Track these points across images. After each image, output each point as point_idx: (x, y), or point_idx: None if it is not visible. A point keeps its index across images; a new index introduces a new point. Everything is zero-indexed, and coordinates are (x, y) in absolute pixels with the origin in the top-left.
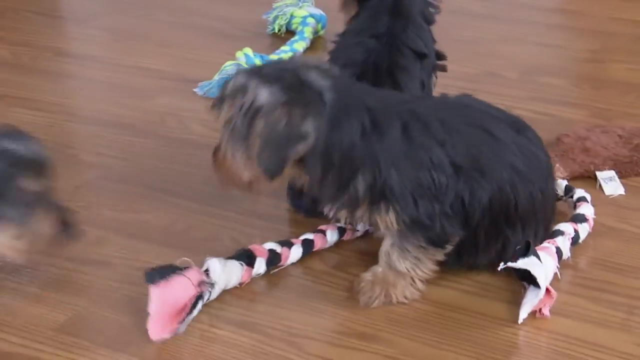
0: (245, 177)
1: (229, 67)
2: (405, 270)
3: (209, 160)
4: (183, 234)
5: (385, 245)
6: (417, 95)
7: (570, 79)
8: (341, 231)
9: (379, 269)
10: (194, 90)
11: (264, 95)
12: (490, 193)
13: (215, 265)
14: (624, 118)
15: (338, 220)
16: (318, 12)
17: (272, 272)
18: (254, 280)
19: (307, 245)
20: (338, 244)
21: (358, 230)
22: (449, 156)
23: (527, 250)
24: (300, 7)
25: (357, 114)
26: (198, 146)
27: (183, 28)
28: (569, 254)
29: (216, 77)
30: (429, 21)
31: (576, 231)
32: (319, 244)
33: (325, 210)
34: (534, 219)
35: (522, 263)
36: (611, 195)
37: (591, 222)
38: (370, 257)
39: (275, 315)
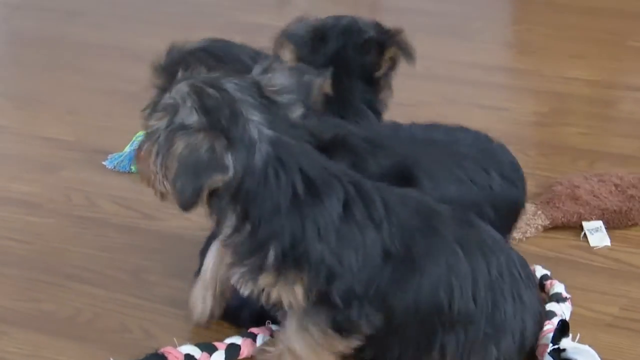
0: (159, 190)
1: (142, 137)
2: (304, 355)
3: (118, 242)
4: (89, 325)
5: (287, 329)
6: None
7: (516, 145)
8: None
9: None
10: (103, 163)
11: (192, 119)
12: (418, 288)
13: None
14: None
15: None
16: None
17: None
18: None
19: (232, 351)
20: None
21: None
22: (382, 241)
23: (564, 331)
24: None
25: (290, 176)
26: (106, 225)
27: (93, 92)
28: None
29: (127, 149)
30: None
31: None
32: (246, 351)
33: (232, 276)
34: (482, 319)
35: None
36: (596, 246)
37: (569, 299)
38: None
39: None
